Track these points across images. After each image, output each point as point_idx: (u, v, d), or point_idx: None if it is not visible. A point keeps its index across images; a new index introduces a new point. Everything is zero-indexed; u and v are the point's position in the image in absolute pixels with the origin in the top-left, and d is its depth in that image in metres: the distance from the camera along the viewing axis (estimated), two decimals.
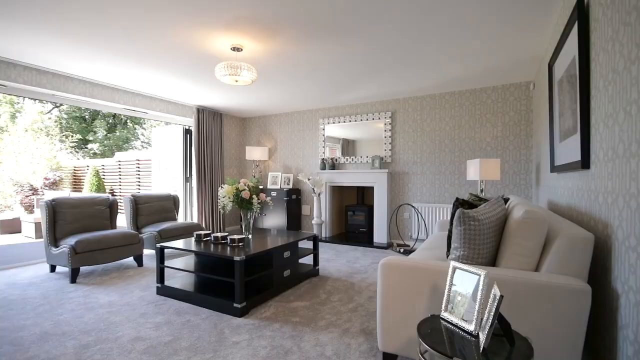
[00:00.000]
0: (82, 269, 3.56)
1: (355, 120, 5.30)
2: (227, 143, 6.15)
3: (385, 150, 5.04)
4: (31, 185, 9.05)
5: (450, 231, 1.87)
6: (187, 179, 5.63)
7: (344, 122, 5.41)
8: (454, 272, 1.34)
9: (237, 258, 2.37)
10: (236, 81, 3.03)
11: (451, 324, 1.28)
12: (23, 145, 9.23)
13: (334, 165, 5.44)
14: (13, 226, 6.79)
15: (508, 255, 1.54)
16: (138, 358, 1.81)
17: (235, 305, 2.35)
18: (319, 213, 5.21)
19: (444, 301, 1.33)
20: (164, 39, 2.88)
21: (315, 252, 3.34)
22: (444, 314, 1.32)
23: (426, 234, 4.66)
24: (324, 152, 5.62)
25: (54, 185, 9.41)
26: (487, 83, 4.21)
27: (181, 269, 2.74)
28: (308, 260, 3.76)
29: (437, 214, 4.60)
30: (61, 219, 3.41)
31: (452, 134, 4.57)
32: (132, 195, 4.22)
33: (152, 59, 3.35)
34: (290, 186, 5.80)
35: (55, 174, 9.54)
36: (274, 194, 5.59)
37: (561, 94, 2.23)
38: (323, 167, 5.44)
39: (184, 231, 4.16)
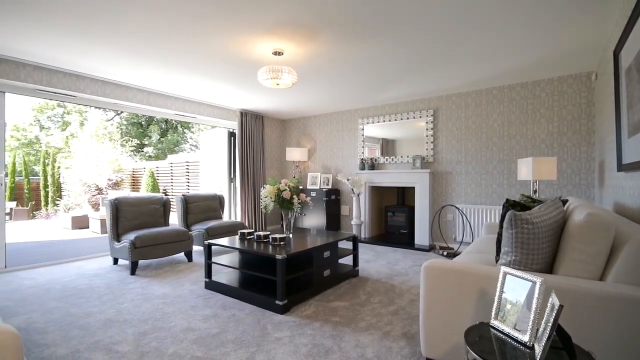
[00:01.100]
0: (140, 262, 3.88)
1: (395, 120, 5.19)
2: (268, 144, 6.34)
3: (427, 149, 4.88)
4: (97, 186, 10.04)
5: (499, 234, 1.77)
6: (232, 180, 5.89)
7: (383, 121, 5.32)
8: (504, 278, 1.27)
9: (278, 257, 2.44)
10: (277, 84, 3.11)
11: (502, 333, 1.21)
12: (90, 149, 10.28)
13: (373, 165, 5.37)
14: (82, 222, 7.59)
15: (567, 262, 1.42)
16: (189, 347, 1.93)
17: (277, 302, 2.42)
18: (358, 213, 5.18)
19: (494, 308, 1.26)
20: (211, 47, 3.05)
21: (354, 252, 3.33)
22: (494, 322, 1.25)
23: (472, 237, 4.43)
24: (363, 152, 5.57)
25: (116, 185, 10.36)
26: (540, 75, 3.90)
27: (227, 265, 2.88)
28: (347, 260, 3.76)
29: (484, 216, 4.36)
30: (123, 217, 3.75)
31: (501, 131, 4.30)
32: (183, 195, 4.52)
33: (200, 66, 3.56)
34: (330, 186, 5.84)
35: (117, 175, 10.50)
36: (313, 194, 5.66)
37: (630, 85, 2.01)
38: (362, 168, 5.40)
39: (229, 229, 4.36)
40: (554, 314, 0.99)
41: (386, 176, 5.17)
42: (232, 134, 5.87)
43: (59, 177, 10.69)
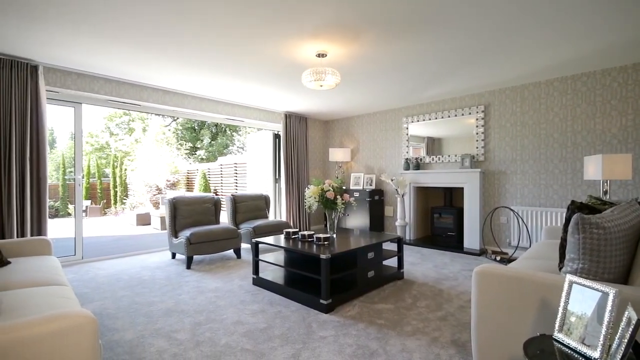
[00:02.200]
0: (195, 257, 4.16)
1: (442, 117, 4.98)
2: (311, 145, 6.44)
3: (477, 147, 4.61)
4: (157, 186, 10.96)
5: (563, 240, 1.62)
6: (276, 180, 6.08)
7: (429, 119, 5.13)
8: (570, 287, 1.16)
9: (323, 256, 2.47)
10: (321, 86, 3.15)
11: (568, 347, 1.11)
12: (151, 153, 11.26)
13: (418, 165, 5.21)
14: (145, 219, 8.33)
15: None
16: (239, 340, 2.04)
17: (321, 301, 2.45)
18: (402, 214, 5.06)
19: (558, 320, 1.16)
20: (258, 53, 3.18)
21: (399, 254, 3.26)
22: (559, 335, 1.15)
23: (529, 242, 4.10)
24: (407, 152, 5.43)
25: (173, 186, 11.23)
26: (611, 63, 3.49)
27: (273, 263, 2.98)
28: (392, 262, 3.68)
29: (543, 219, 4.00)
30: (179, 215, 4.05)
31: (563, 126, 3.93)
32: (232, 195, 4.76)
33: (248, 72, 3.73)
34: (373, 187, 5.77)
35: (174, 176, 11.37)
36: (356, 194, 5.64)
37: None
38: (407, 167, 5.26)
39: (275, 228, 4.50)
40: (631, 329, 0.89)
41: (432, 176, 4.98)
42: (277, 136, 6.06)
43: (125, 179, 11.85)
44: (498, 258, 4.05)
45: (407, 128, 5.42)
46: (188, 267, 3.68)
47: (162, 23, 2.57)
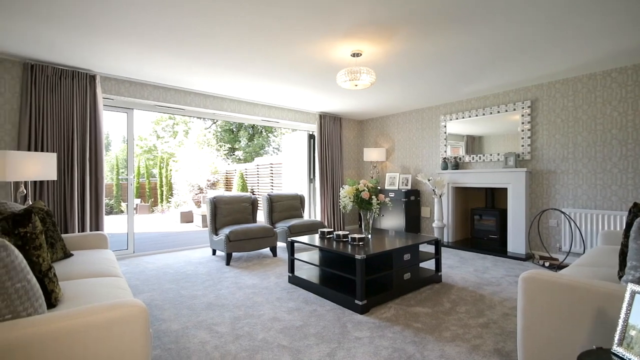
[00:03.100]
0: (233, 254, 4.33)
1: (484, 114, 4.74)
2: (346, 146, 6.43)
3: (523, 145, 4.33)
4: (199, 186, 11.55)
5: (624, 245, 1.48)
6: (311, 180, 6.15)
7: (469, 117, 4.91)
8: (632, 297, 1.06)
9: (358, 256, 2.46)
10: (356, 85, 3.14)
11: None
12: (192, 154, 11.89)
13: (457, 164, 5.00)
14: (188, 217, 8.81)
15: None
16: (276, 336, 2.09)
17: (356, 302, 2.44)
18: (440, 216, 4.89)
19: (618, 333, 1.07)
20: (293, 55, 3.24)
21: (437, 257, 3.16)
22: (618, 349, 1.05)
23: (582, 247, 3.78)
24: (445, 151, 5.23)
25: (213, 185, 11.77)
26: None
27: (308, 262, 3.02)
28: (429, 265, 3.58)
29: (599, 223, 3.67)
30: (219, 213, 4.24)
31: (623, 121, 3.57)
32: (268, 195, 4.89)
33: (283, 74, 3.81)
34: (409, 187, 5.63)
35: (214, 176, 11.91)
36: (391, 194, 5.54)
37: None
38: (445, 167, 5.07)
39: (309, 228, 4.56)
40: None
41: (472, 176, 4.76)
42: (311, 137, 6.12)
43: (170, 179, 12.62)
44: (547, 264, 3.78)
45: (445, 126, 5.23)
46: (227, 263, 3.84)
47: (203, 32, 2.71)
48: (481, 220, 4.96)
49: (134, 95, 4.04)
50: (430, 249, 4.49)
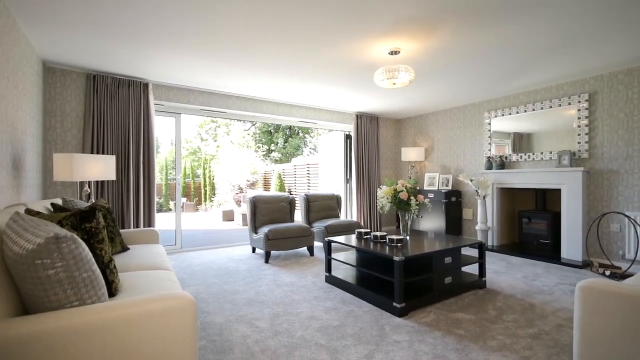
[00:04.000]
0: (272, 252, 4.45)
1: (533, 110, 4.42)
2: (383, 145, 6.33)
3: (579, 142, 3.98)
4: (239, 185, 12.01)
5: None
6: (347, 180, 6.13)
7: (516, 113, 4.61)
8: None
9: (396, 258, 2.42)
10: (394, 84, 3.09)
11: None
12: (233, 155, 12.40)
13: (502, 164, 4.72)
14: (229, 216, 9.20)
15: None
16: (313, 334, 2.12)
17: (394, 304, 2.40)
18: (484, 218, 4.64)
19: None
20: (330, 56, 3.26)
21: (481, 261, 3.00)
22: None
23: None
24: (489, 150, 4.96)
25: (252, 185, 12.19)
26: None
27: (345, 262, 3.02)
28: (472, 269, 3.42)
29: None
30: (259, 212, 4.38)
31: None
32: (305, 194, 4.96)
33: (320, 75, 3.85)
34: (449, 188, 5.42)
35: (253, 176, 12.33)
36: (431, 195, 5.36)
37: None
38: (489, 167, 4.81)
39: (346, 228, 4.55)
40: None
41: (520, 176, 4.46)
42: (348, 137, 6.11)
43: (213, 179, 13.27)
44: (608, 272, 3.44)
45: (490, 123, 4.95)
46: (266, 261, 3.96)
47: (243, 38, 2.82)
48: (530, 224, 4.63)
49: (181, 101, 4.31)
50: (473, 252, 4.28)
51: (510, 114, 4.70)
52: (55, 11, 2.41)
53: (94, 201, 3.09)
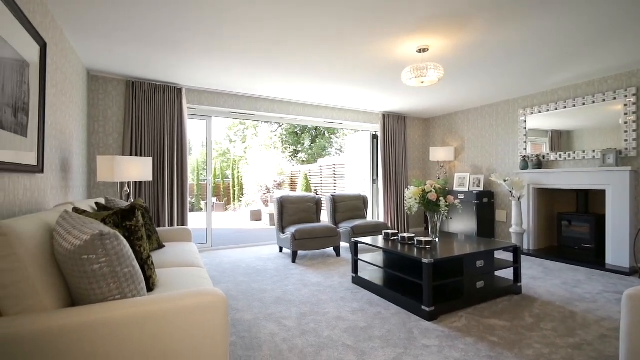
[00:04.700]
0: (299, 252, 4.49)
1: (574, 106, 4.16)
2: (410, 145, 6.21)
3: (627, 140, 3.70)
4: (266, 186, 12.25)
5: None
6: (374, 181, 6.07)
7: (555, 109, 4.36)
8: None
9: (425, 260, 2.37)
10: (422, 82, 3.02)
11: None
12: (260, 156, 12.66)
13: (539, 163, 4.47)
14: (257, 215, 9.40)
15: None
16: (340, 335, 2.12)
17: (423, 307, 2.35)
18: (519, 220, 4.42)
19: None
20: (356, 56, 3.25)
21: (516, 265, 2.87)
22: None
23: None
24: (525, 149, 4.72)
25: (279, 186, 12.38)
26: None
27: (372, 264, 3.00)
28: (506, 274, 3.27)
29: None
30: (286, 212, 4.45)
31: None
32: (332, 195, 4.97)
33: (346, 75, 3.85)
34: (481, 188, 5.21)
35: (280, 177, 12.52)
36: (461, 196, 5.19)
37: None
38: (524, 166, 4.58)
39: (373, 229, 4.51)
40: None
41: (559, 176, 4.21)
42: (374, 137, 6.05)
43: (241, 179, 13.62)
44: None
45: (525, 121, 4.72)
46: (293, 260, 4.00)
47: (272, 43, 2.88)
48: (571, 227, 4.35)
49: (212, 104, 4.46)
50: (508, 256, 4.09)
51: (547, 110, 4.45)
52: (100, 24, 2.59)
53: (132, 201, 3.27)
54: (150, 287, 1.61)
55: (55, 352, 1.01)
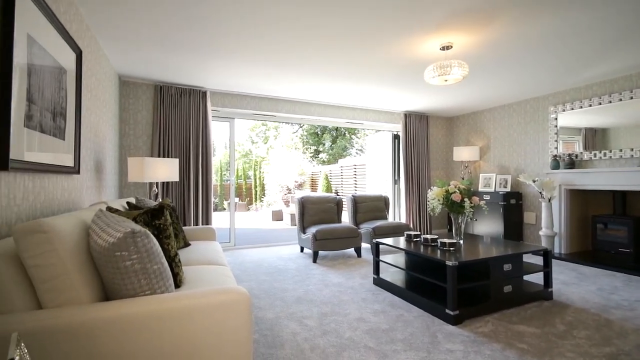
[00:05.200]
0: (319, 252, 4.51)
1: (610, 102, 3.93)
2: (433, 145, 6.08)
3: None
4: (287, 186, 12.36)
5: None
6: (396, 181, 5.99)
7: (588, 106, 4.13)
8: None
9: (449, 263, 2.31)
10: (446, 80, 2.96)
11: None
12: (281, 157, 12.81)
13: (572, 163, 4.26)
14: (278, 216, 9.51)
15: None
16: (362, 336, 2.11)
17: (447, 311, 2.30)
18: (549, 223, 4.23)
19: None
20: (377, 56, 3.22)
21: (546, 270, 2.74)
22: None
23: None
24: (555, 148, 4.51)
25: (300, 186, 12.47)
26: None
27: (394, 265, 2.96)
28: (536, 279, 3.14)
29: None
30: (307, 212, 4.47)
31: None
32: (353, 195, 4.95)
33: (367, 75, 3.83)
34: (508, 189, 5.02)
35: (301, 177, 12.61)
36: (487, 197, 5.02)
37: None
38: (555, 166, 4.37)
39: (394, 230, 4.45)
40: None
41: (594, 176, 3.99)
42: (396, 137, 5.97)
43: (262, 180, 13.83)
44: None
45: (556, 119, 4.51)
46: (314, 261, 4.02)
47: (295, 44, 2.91)
48: (607, 230, 4.12)
49: (235, 106, 4.56)
50: (537, 260, 3.92)
51: (581, 107, 4.23)
52: (131, 32, 2.71)
53: (160, 200, 3.40)
54: (177, 284, 1.66)
55: (91, 343, 1.07)
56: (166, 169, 3.20)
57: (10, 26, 1.35)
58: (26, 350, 0.76)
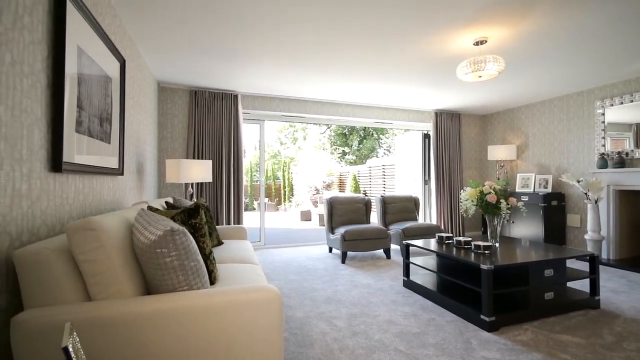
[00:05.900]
0: (348, 253, 4.49)
1: None
2: (465, 144, 5.86)
3: None
4: (315, 187, 12.45)
5: None
6: (426, 182, 5.84)
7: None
8: None
9: (484, 267, 2.22)
10: (480, 77, 2.85)
11: None
12: (310, 158, 12.91)
13: (622, 161, 3.93)
14: (307, 216, 9.59)
15: None
16: (392, 339, 2.08)
17: (482, 317, 2.20)
18: (596, 226, 3.93)
19: None
20: (407, 53, 3.16)
21: (593, 276, 2.55)
22: None
23: None
24: (603, 145, 4.19)
25: (328, 187, 12.51)
26: None
27: (425, 268, 2.89)
28: (581, 286, 2.93)
29: None
30: (335, 213, 4.48)
31: None
32: (381, 196, 4.89)
33: (396, 74, 3.77)
34: (549, 190, 4.73)
35: (329, 178, 12.65)
36: (525, 198, 4.76)
37: None
38: (603, 165, 4.06)
39: (425, 231, 4.35)
40: None
41: None
42: (426, 136, 5.82)
43: (291, 180, 14.01)
44: None
45: (603, 114, 4.18)
46: (343, 261, 4.01)
47: (323, 45, 2.92)
48: None
49: (265, 108, 4.67)
50: (582, 266, 3.66)
51: (631, 101, 3.90)
52: (169, 41, 2.86)
53: (196, 200, 3.55)
54: (212, 281, 1.73)
55: (133, 334, 1.14)
56: (200, 170, 3.34)
57: (62, 39, 1.48)
58: (78, 339, 0.82)
